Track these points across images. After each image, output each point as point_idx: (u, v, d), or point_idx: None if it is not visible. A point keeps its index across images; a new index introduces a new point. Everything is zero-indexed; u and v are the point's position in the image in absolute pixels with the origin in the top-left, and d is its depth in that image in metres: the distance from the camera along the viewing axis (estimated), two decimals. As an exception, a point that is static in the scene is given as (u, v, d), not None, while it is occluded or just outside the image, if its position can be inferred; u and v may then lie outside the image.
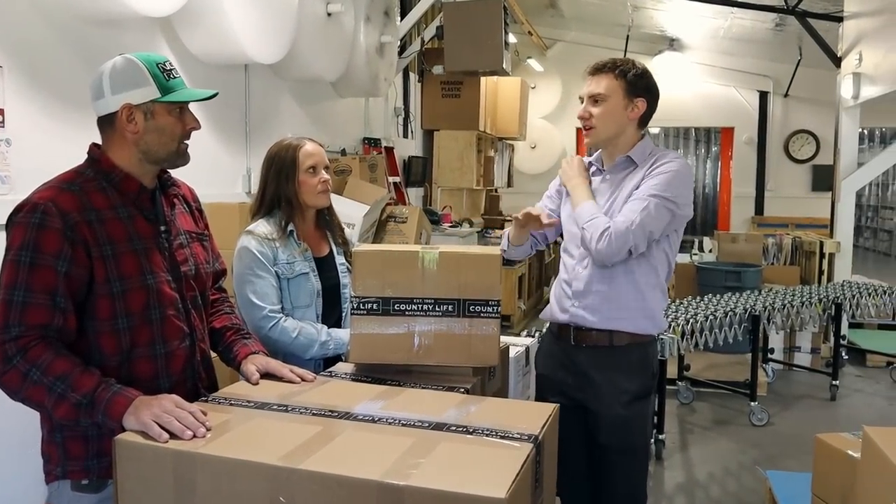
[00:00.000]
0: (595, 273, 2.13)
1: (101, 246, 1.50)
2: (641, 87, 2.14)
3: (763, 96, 9.95)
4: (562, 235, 2.40)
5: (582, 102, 2.19)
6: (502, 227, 8.39)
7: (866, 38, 6.02)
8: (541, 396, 2.29)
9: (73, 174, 1.56)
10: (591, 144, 2.20)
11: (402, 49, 6.13)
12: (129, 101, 1.54)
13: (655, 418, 3.96)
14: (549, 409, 1.50)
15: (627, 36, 8.93)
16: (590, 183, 2.21)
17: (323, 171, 2.24)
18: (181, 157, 1.63)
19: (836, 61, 6.67)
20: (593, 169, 2.27)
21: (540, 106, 10.15)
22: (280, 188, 2.21)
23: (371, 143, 5.76)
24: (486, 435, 1.34)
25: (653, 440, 3.89)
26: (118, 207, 1.56)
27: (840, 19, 6.57)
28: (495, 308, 1.74)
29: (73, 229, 1.47)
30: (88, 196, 1.52)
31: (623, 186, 2.15)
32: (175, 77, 1.59)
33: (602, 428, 2.16)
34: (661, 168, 2.10)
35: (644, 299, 2.13)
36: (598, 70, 2.15)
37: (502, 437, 1.33)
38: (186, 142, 1.63)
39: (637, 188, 2.10)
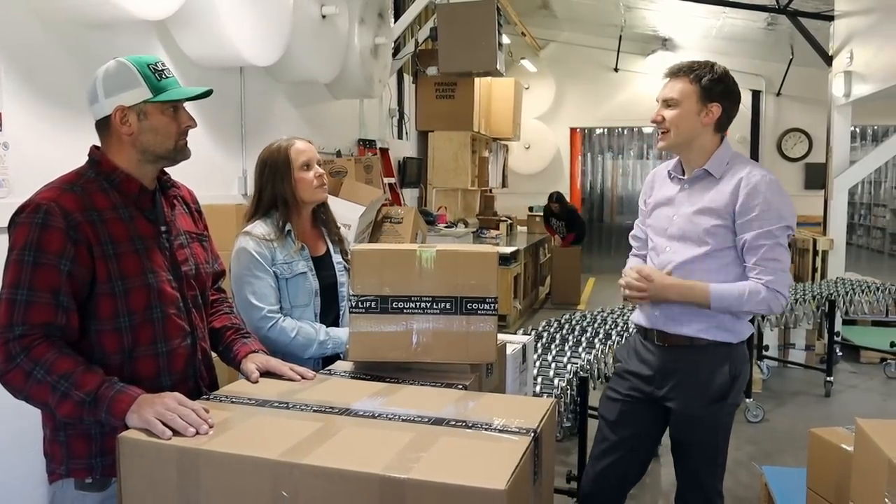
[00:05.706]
0: None
1: (103, 245, 1.51)
2: (717, 93, 2.13)
3: (755, 95, 10.02)
4: None
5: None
6: (497, 227, 8.41)
7: (857, 36, 6.07)
8: (611, 387, 2.39)
9: (75, 175, 1.58)
10: (664, 148, 2.20)
11: (397, 50, 6.16)
12: (122, 104, 1.55)
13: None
14: (546, 403, 1.52)
15: (620, 36, 8.97)
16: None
17: (316, 166, 2.27)
18: (181, 153, 1.64)
19: (828, 60, 6.72)
20: (672, 177, 2.27)
21: (534, 106, 10.19)
22: (276, 189, 2.22)
23: (366, 144, 5.79)
24: (485, 429, 1.35)
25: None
26: (119, 208, 1.57)
27: (831, 18, 6.63)
28: (492, 305, 1.75)
29: (75, 229, 1.48)
30: (90, 196, 1.54)
31: (700, 199, 2.14)
32: (167, 77, 1.59)
33: (677, 425, 2.26)
34: (753, 196, 2.06)
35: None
36: (673, 74, 2.16)
37: (501, 431, 1.34)
38: (184, 139, 1.64)
39: (718, 205, 2.10)
